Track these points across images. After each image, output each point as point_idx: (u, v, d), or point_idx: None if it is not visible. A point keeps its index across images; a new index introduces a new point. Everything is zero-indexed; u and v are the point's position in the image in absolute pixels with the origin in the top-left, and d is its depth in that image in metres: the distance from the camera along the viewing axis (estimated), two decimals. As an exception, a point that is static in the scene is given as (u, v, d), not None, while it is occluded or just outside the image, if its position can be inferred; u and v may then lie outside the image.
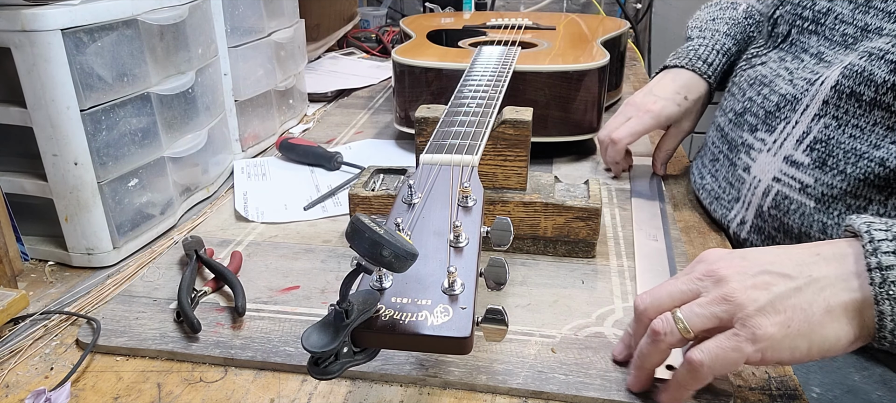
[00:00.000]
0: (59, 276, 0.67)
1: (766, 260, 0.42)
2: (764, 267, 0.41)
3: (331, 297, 0.60)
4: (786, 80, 0.66)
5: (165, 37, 0.73)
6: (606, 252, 0.67)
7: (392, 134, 1.05)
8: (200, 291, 0.60)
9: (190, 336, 0.54)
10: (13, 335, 0.57)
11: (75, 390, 0.49)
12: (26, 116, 0.62)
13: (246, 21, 0.93)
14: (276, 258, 0.67)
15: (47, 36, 0.59)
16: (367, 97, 1.28)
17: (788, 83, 0.64)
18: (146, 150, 0.71)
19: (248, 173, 0.89)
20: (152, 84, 0.71)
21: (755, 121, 0.68)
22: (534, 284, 0.62)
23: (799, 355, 0.40)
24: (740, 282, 0.41)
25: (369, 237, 0.34)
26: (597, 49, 0.98)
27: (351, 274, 0.36)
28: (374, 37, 1.71)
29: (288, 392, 0.49)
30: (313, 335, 0.35)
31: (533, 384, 0.48)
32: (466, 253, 0.43)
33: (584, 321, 0.56)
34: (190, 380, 0.50)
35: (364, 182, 0.70)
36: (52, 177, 0.65)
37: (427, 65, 0.92)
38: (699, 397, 0.47)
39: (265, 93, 1.00)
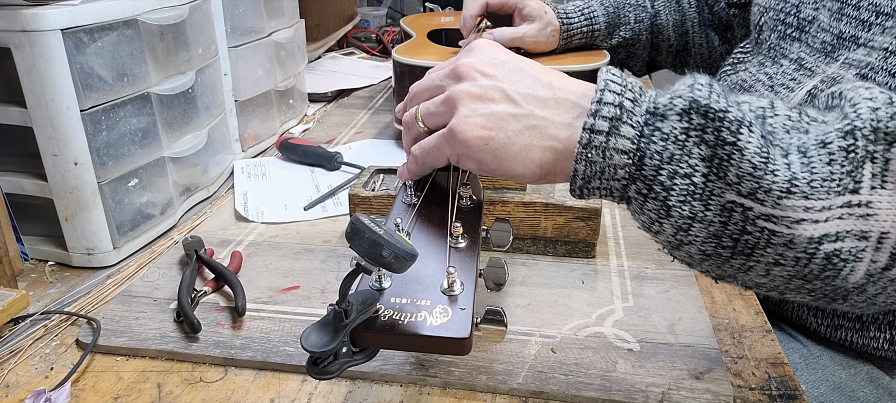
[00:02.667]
0: (59, 276, 0.67)
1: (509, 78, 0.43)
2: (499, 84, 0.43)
3: (330, 297, 0.60)
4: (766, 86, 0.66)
5: (165, 37, 0.73)
6: (606, 252, 0.67)
7: (392, 134, 1.05)
8: (200, 291, 0.60)
9: (190, 336, 0.54)
10: (13, 335, 0.57)
11: (75, 390, 0.49)
12: (26, 116, 0.62)
13: (246, 21, 0.93)
14: (276, 258, 0.67)
15: (47, 36, 0.59)
16: (367, 97, 1.28)
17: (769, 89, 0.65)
18: (146, 150, 0.71)
19: (248, 173, 0.89)
20: (152, 84, 0.71)
21: None
22: (534, 284, 0.62)
23: (486, 169, 0.43)
24: (468, 89, 0.43)
25: (369, 237, 0.34)
26: (597, 49, 0.98)
27: (350, 274, 0.36)
28: (374, 37, 1.71)
29: (288, 392, 0.49)
30: (312, 335, 0.35)
31: (533, 384, 0.48)
32: (466, 254, 0.43)
33: (584, 321, 0.56)
34: (190, 380, 0.50)
35: (364, 182, 0.70)
36: (52, 177, 0.65)
37: (427, 64, 0.92)
38: (699, 397, 0.47)
39: (265, 93, 1.00)
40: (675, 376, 0.49)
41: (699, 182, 0.37)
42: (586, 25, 0.96)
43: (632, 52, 1.00)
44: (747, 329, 0.56)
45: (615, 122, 0.38)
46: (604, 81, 0.40)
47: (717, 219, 0.37)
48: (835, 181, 0.36)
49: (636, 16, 0.98)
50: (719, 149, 0.36)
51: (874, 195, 0.36)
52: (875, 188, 0.36)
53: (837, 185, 0.36)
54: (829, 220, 0.36)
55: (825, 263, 0.37)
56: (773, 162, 0.36)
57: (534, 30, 0.93)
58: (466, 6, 0.95)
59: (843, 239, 0.36)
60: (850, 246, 0.36)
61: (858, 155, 0.36)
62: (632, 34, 0.98)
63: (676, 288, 0.61)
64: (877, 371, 0.63)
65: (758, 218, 0.36)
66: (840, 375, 0.63)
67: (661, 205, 0.38)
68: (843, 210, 0.36)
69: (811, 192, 0.35)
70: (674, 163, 0.37)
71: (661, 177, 0.38)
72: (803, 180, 0.36)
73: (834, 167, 0.36)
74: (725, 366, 0.51)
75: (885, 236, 0.36)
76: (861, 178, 0.36)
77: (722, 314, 0.58)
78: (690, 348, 0.52)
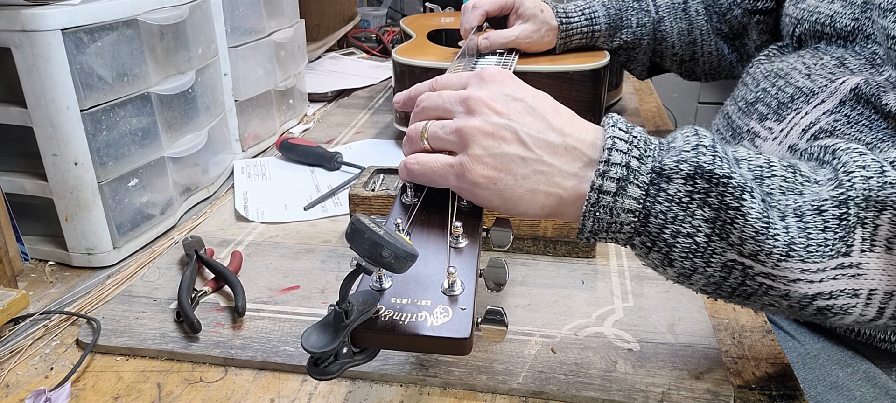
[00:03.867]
0: (59, 276, 0.67)
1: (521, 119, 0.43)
2: (512, 124, 0.43)
3: (331, 297, 0.60)
4: (803, 74, 0.66)
5: (165, 37, 0.73)
6: (606, 252, 0.67)
7: (392, 134, 1.05)
8: (200, 291, 0.60)
9: (190, 336, 0.54)
10: (13, 335, 0.57)
11: (75, 390, 0.49)
12: (26, 116, 0.62)
13: (246, 21, 0.93)
14: (276, 258, 0.67)
15: (47, 36, 0.59)
16: (367, 97, 1.28)
17: (806, 77, 0.65)
18: (146, 150, 0.71)
19: (248, 173, 0.89)
20: (152, 84, 0.71)
21: (766, 111, 0.69)
22: (534, 284, 0.62)
23: (490, 206, 0.44)
24: (481, 126, 0.43)
25: (369, 238, 0.34)
26: (598, 49, 0.98)
27: (351, 274, 0.36)
28: (374, 37, 1.71)
29: (288, 392, 0.49)
30: (313, 335, 0.35)
31: (533, 384, 0.48)
32: (466, 254, 0.43)
33: (584, 321, 0.56)
34: (190, 380, 0.50)
35: (364, 182, 0.70)
36: (52, 177, 0.65)
37: (427, 65, 0.92)
38: (699, 397, 0.47)
39: (265, 93, 1.00)
40: (675, 376, 0.49)
41: (701, 241, 0.39)
42: (587, 25, 0.96)
43: (632, 55, 1.00)
44: (747, 329, 0.56)
45: (622, 183, 0.40)
46: (611, 139, 0.41)
47: (717, 274, 0.40)
48: (829, 246, 0.39)
49: (638, 19, 0.97)
50: (722, 212, 0.39)
51: (863, 257, 0.39)
52: (865, 251, 0.39)
53: (831, 250, 0.39)
54: (823, 280, 0.39)
55: (817, 313, 0.41)
56: (773, 227, 0.38)
57: (528, 30, 0.93)
58: (467, 18, 0.94)
59: (836, 297, 0.40)
60: (843, 302, 0.40)
61: (850, 221, 0.39)
62: (633, 37, 0.97)
63: (676, 288, 0.61)
64: (874, 370, 0.63)
65: (757, 275, 0.40)
66: (837, 374, 0.63)
67: (664, 258, 0.41)
68: (837, 271, 0.39)
69: (807, 256, 0.38)
70: (677, 223, 0.39)
71: (665, 235, 0.40)
72: (801, 245, 0.38)
73: (828, 233, 0.39)
74: (725, 366, 0.51)
75: (873, 293, 0.39)
76: (853, 243, 0.39)
77: (722, 314, 0.58)
78: (690, 348, 0.52)
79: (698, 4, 0.96)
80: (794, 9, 0.73)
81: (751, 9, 0.91)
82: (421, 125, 0.47)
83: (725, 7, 0.95)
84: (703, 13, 0.97)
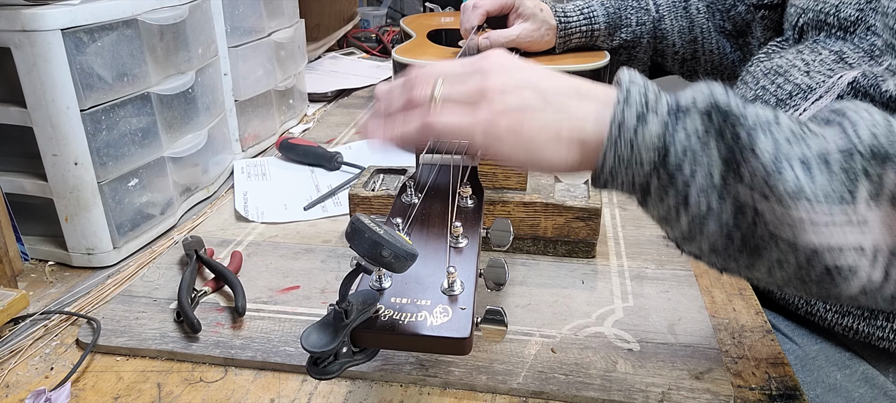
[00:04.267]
0: (59, 276, 0.67)
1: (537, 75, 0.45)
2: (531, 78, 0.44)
3: (331, 297, 0.60)
4: (801, 71, 0.66)
5: (165, 37, 0.73)
6: (606, 252, 0.67)
7: (392, 134, 1.05)
8: (200, 291, 0.60)
9: (190, 336, 0.54)
10: (13, 335, 0.57)
11: (75, 390, 0.49)
12: (26, 116, 0.62)
13: (246, 21, 0.93)
14: (276, 258, 0.67)
15: (47, 36, 0.59)
16: (368, 97, 1.28)
17: (805, 74, 0.65)
18: (146, 150, 0.71)
19: (248, 173, 0.89)
20: (152, 84, 0.71)
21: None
22: (534, 284, 0.62)
23: (514, 159, 0.43)
24: (501, 83, 0.44)
25: (369, 237, 0.34)
26: (597, 49, 0.98)
27: (351, 274, 0.36)
28: (374, 36, 1.71)
29: (288, 392, 0.49)
30: (313, 335, 0.35)
31: (533, 384, 0.48)
32: (466, 254, 0.43)
33: (584, 321, 0.56)
34: (190, 380, 0.50)
35: (364, 182, 0.70)
36: (52, 177, 0.65)
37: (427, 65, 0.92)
38: (699, 397, 0.47)
39: (265, 93, 1.00)
40: (675, 376, 0.49)
41: (717, 178, 0.39)
42: (585, 25, 0.96)
43: (633, 54, 1.00)
44: (747, 329, 0.56)
45: (642, 117, 0.40)
46: (627, 80, 0.42)
47: (730, 216, 0.40)
48: (835, 194, 0.38)
49: (638, 19, 0.97)
50: (737, 149, 0.39)
51: (868, 210, 0.38)
52: (870, 203, 0.38)
53: (837, 198, 0.38)
54: (830, 228, 0.38)
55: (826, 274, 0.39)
56: (782, 167, 0.38)
57: (528, 29, 0.93)
58: (467, 18, 0.95)
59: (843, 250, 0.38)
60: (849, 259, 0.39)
61: (855, 171, 0.38)
62: (633, 36, 0.97)
63: (676, 288, 0.61)
64: (872, 371, 0.63)
65: (767, 220, 0.39)
66: (836, 376, 0.63)
67: (680, 198, 0.40)
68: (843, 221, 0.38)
69: (813, 199, 0.38)
70: (696, 158, 0.39)
71: (684, 171, 0.40)
72: (808, 188, 0.38)
73: (834, 181, 0.38)
74: (725, 366, 0.51)
75: (878, 250, 0.39)
76: (857, 194, 0.38)
77: (722, 314, 0.58)
78: (690, 348, 0.52)
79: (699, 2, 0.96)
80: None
81: (756, 4, 0.91)
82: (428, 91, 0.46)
83: (730, 3, 0.94)
84: (705, 11, 0.96)
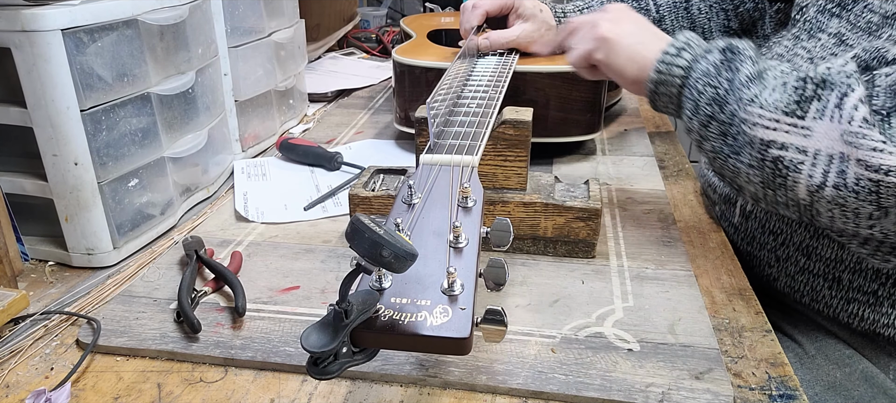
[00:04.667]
0: (59, 276, 0.67)
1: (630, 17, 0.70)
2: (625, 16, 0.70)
3: (331, 297, 0.60)
4: (805, 59, 0.67)
5: (165, 37, 0.73)
6: (606, 252, 0.67)
7: (392, 134, 1.05)
8: (200, 291, 0.60)
9: (190, 336, 0.54)
10: (13, 335, 0.57)
11: (75, 390, 0.49)
12: (26, 116, 0.62)
13: (246, 21, 0.93)
14: (276, 258, 0.67)
15: (47, 36, 0.59)
16: (367, 97, 1.28)
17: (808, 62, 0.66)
18: (146, 150, 0.71)
19: (248, 173, 0.89)
20: (152, 84, 0.71)
21: None
22: (534, 284, 0.62)
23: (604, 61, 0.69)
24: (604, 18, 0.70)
25: (369, 237, 0.34)
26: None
27: (350, 274, 0.36)
28: (374, 37, 1.71)
29: (288, 392, 0.49)
30: (312, 335, 0.35)
31: (533, 384, 0.48)
32: (466, 254, 0.43)
33: (584, 321, 0.56)
34: (190, 380, 0.50)
35: (364, 182, 0.70)
36: (52, 177, 0.65)
37: (427, 65, 0.92)
38: (699, 397, 0.47)
39: (265, 93, 1.00)
40: (675, 376, 0.49)
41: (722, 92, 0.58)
42: None
43: None
44: (747, 329, 0.56)
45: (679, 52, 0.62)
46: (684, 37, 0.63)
47: (725, 120, 0.58)
48: (783, 104, 0.53)
49: None
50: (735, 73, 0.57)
51: (815, 123, 0.52)
52: (816, 118, 0.52)
53: (785, 107, 0.53)
54: (776, 130, 0.53)
55: (774, 167, 0.54)
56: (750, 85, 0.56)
57: (527, 29, 0.93)
58: (466, 18, 0.94)
59: (787, 148, 0.53)
60: (792, 155, 0.53)
61: (807, 93, 0.53)
62: None
63: (676, 288, 0.61)
64: (873, 369, 0.63)
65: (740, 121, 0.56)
66: (835, 374, 0.63)
67: (694, 104, 0.60)
68: (788, 126, 0.53)
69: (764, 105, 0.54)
70: (710, 76, 0.59)
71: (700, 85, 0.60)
72: (762, 97, 0.55)
73: (785, 96, 0.54)
74: (725, 366, 0.51)
75: (818, 153, 0.52)
76: (807, 109, 0.52)
77: (722, 314, 0.58)
78: (690, 348, 0.52)
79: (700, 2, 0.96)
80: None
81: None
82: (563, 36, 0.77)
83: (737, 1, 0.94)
84: (707, 11, 0.96)
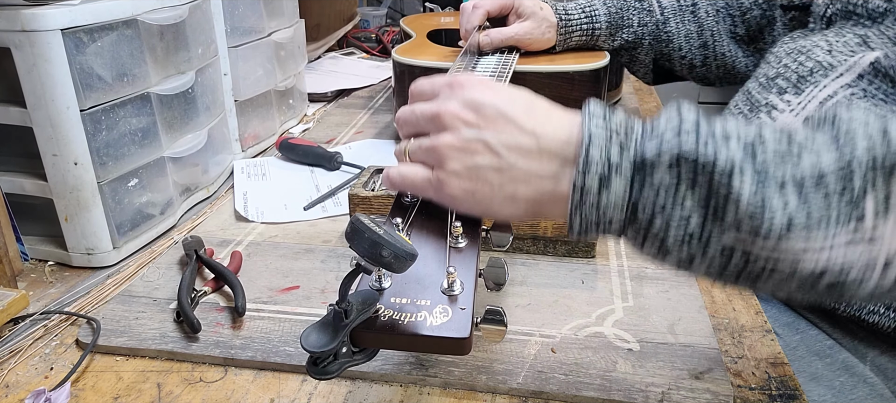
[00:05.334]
0: (59, 276, 0.67)
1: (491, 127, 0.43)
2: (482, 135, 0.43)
3: (330, 297, 0.60)
4: (824, 50, 0.66)
5: (165, 37, 0.73)
6: (606, 252, 0.67)
7: (392, 134, 1.05)
8: (200, 291, 0.60)
9: (190, 336, 0.54)
10: (13, 335, 0.57)
11: (75, 390, 0.49)
12: (26, 116, 0.62)
13: (246, 21, 0.93)
14: (276, 258, 0.67)
15: (47, 36, 0.59)
16: (367, 97, 1.28)
17: (827, 53, 0.65)
18: (146, 150, 0.71)
19: (248, 173, 0.89)
20: (152, 84, 0.71)
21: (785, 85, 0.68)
22: (534, 284, 0.62)
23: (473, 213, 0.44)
24: (451, 142, 0.43)
25: (369, 237, 0.34)
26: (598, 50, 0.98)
27: (350, 274, 0.36)
28: (374, 37, 1.71)
29: (288, 392, 0.49)
30: (312, 335, 0.35)
31: (533, 384, 0.48)
32: (466, 254, 0.43)
33: (584, 321, 0.56)
34: (190, 380, 0.50)
35: (364, 182, 0.70)
36: (52, 177, 0.65)
37: (427, 64, 0.92)
38: (699, 397, 0.47)
39: (265, 93, 1.00)
40: (675, 376, 0.49)
41: (695, 227, 0.38)
42: (586, 22, 0.95)
43: (635, 56, 0.99)
44: (747, 329, 0.56)
45: (605, 179, 0.39)
46: (588, 134, 0.40)
47: (717, 259, 0.39)
48: (833, 215, 0.36)
49: (639, 19, 0.96)
50: (713, 196, 0.37)
51: (878, 222, 0.36)
52: (878, 216, 0.36)
53: (836, 218, 0.36)
54: (833, 249, 0.37)
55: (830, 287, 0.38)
56: (769, 203, 0.36)
57: (527, 27, 0.93)
58: (467, 18, 0.94)
59: (848, 269, 0.37)
60: (856, 275, 0.37)
61: (856, 188, 0.36)
62: (634, 37, 0.96)
63: (676, 288, 0.61)
64: (853, 360, 0.63)
65: (759, 256, 0.37)
66: (817, 365, 0.63)
67: (658, 248, 0.40)
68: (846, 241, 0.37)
69: (809, 228, 0.36)
70: (666, 211, 0.38)
71: (655, 225, 0.39)
72: (801, 217, 0.36)
73: (831, 201, 0.36)
74: (725, 366, 0.51)
75: (889, 262, 0.37)
76: (864, 210, 0.36)
77: (722, 314, 0.58)
78: (690, 348, 0.52)
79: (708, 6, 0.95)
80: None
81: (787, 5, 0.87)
82: (404, 144, 0.48)
83: (744, 7, 0.92)
84: (714, 15, 0.94)
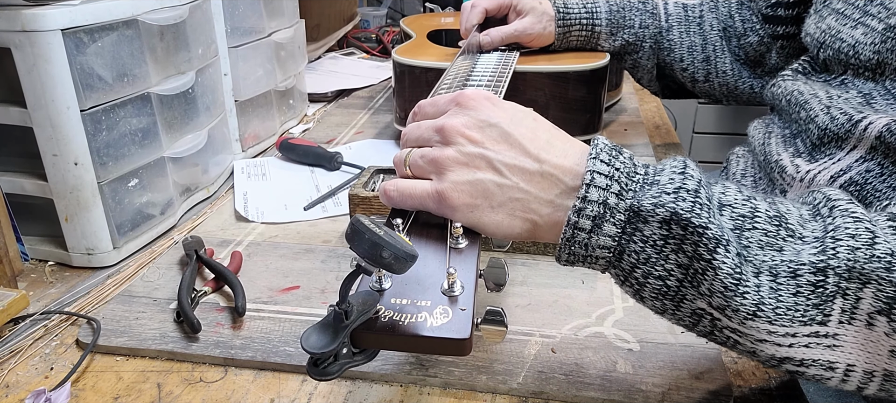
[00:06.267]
0: (59, 276, 0.67)
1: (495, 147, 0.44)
2: (486, 153, 0.44)
3: (331, 297, 0.60)
4: (822, 104, 0.60)
5: (165, 37, 0.73)
6: (606, 252, 0.67)
7: (392, 134, 1.05)
8: (200, 291, 0.60)
9: (190, 336, 0.54)
10: (13, 335, 0.57)
11: (75, 390, 0.49)
12: (26, 116, 0.62)
13: (246, 21, 0.93)
14: (276, 258, 0.67)
15: (47, 36, 0.59)
16: (367, 97, 1.28)
17: (825, 112, 0.59)
18: (146, 150, 0.71)
19: (248, 173, 0.89)
20: (152, 84, 0.71)
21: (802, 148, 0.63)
22: (534, 284, 0.62)
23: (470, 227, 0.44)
24: (455, 156, 0.44)
25: (369, 238, 0.34)
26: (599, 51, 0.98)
27: (351, 275, 0.36)
28: (374, 37, 1.71)
29: (288, 392, 0.49)
30: (312, 335, 0.35)
31: (533, 384, 0.48)
32: (466, 254, 0.43)
33: (584, 321, 0.56)
34: (190, 380, 0.50)
35: (364, 182, 0.70)
36: (52, 177, 0.65)
37: (427, 65, 0.92)
38: (699, 397, 0.47)
39: (265, 93, 1.00)
40: (675, 376, 0.49)
41: (672, 285, 0.39)
42: (586, 17, 0.94)
43: (636, 61, 0.96)
44: (747, 329, 0.56)
45: (599, 221, 0.40)
46: (591, 174, 0.41)
47: (687, 318, 0.41)
48: (799, 312, 0.37)
49: (641, 21, 0.94)
50: (695, 262, 0.38)
51: (841, 329, 0.38)
52: (842, 323, 0.37)
53: (801, 316, 0.37)
54: (793, 346, 0.38)
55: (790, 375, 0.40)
56: (744, 283, 0.38)
57: (526, 23, 0.93)
58: (467, 17, 0.94)
59: (808, 365, 0.39)
60: (816, 372, 0.39)
61: (828, 290, 0.37)
62: (635, 39, 0.94)
63: (676, 289, 0.61)
64: None
65: (725, 328, 0.39)
66: None
67: (635, 293, 0.42)
68: (809, 339, 0.38)
69: (775, 319, 0.37)
70: (649, 264, 0.39)
71: (636, 274, 0.40)
72: (769, 306, 0.37)
73: (800, 299, 0.38)
74: (725, 366, 0.51)
75: (851, 368, 0.38)
76: (831, 313, 0.37)
77: (722, 314, 0.58)
78: (690, 348, 0.52)
79: (714, 20, 0.92)
80: (815, 28, 0.66)
81: (772, 34, 0.84)
82: (404, 153, 0.48)
83: (740, 31, 0.88)
84: (720, 32, 0.90)
